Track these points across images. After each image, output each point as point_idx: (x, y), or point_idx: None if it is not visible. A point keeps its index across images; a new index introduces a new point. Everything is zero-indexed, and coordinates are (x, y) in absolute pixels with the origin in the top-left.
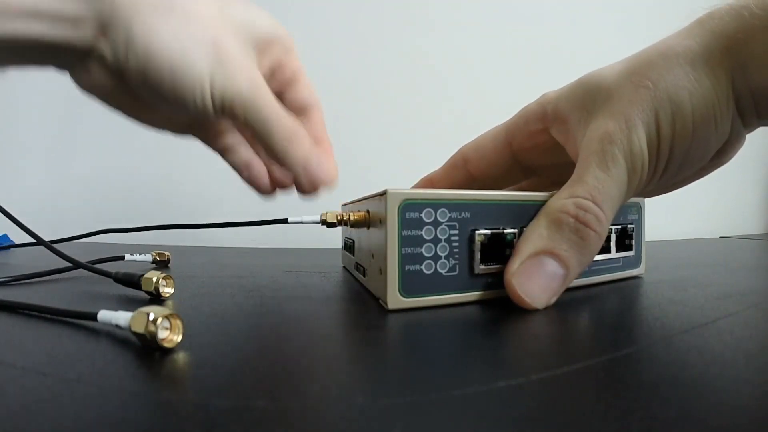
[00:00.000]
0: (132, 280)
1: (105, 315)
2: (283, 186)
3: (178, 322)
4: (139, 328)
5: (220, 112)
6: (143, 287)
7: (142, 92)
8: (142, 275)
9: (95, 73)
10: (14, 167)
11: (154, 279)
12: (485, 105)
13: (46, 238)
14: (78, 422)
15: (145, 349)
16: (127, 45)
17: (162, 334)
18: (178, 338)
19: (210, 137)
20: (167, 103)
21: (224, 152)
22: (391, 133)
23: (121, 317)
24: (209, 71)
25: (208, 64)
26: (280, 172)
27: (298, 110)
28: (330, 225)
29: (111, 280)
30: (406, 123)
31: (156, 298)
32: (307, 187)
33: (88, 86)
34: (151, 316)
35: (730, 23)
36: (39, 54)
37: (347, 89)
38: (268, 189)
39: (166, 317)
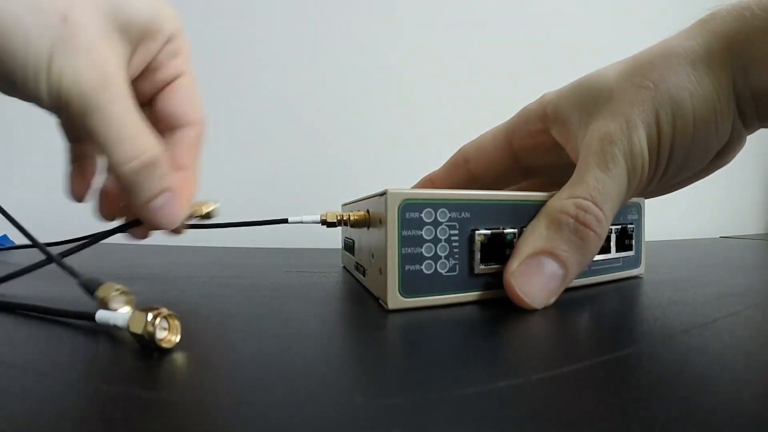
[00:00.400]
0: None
1: (103, 315)
2: (110, 210)
3: (177, 323)
4: (137, 329)
5: (55, 102)
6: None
7: None
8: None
9: None
10: (16, 169)
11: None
12: (486, 105)
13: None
14: (78, 422)
15: (144, 349)
16: None
17: (160, 334)
18: (176, 338)
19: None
20: None
21: (70, 137)
22: (391, 132)
23: (119, 317)
24: (49, 48)
25: (49, 39)
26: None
27: (169, 125)
28: (330, 225)
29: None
30: (407, 123)
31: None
32: (143, 224)
33: None
34: (149, 317)
35: (732, 24)
36: None
37: (347, 89)
38: (80, 196)
39: (165, 317)
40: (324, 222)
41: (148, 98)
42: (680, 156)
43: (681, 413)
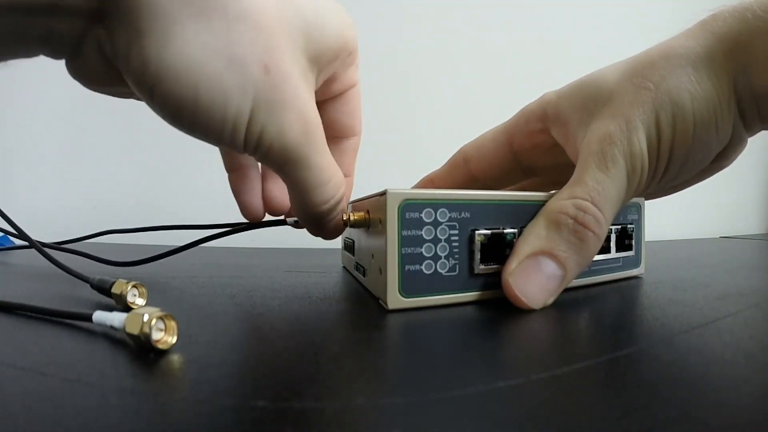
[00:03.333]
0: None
1: (100, 316)
2: (272, 212)
3: (173, 324)
4: (134, 330)
5: (252, 152)
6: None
7: (145, 101)
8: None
9: (89, 59)
10: (19, 171)
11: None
12: (486, 104)
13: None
14: (78, 422)
15: (141, 350)
16: (131, 45)
17: (156, 335)
18: (173, 340)
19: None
20: (182, 128)
21: (230, 168)
22: (392, 133)
23: (115, 318)
24: (251, 105)
25: (251, 95)
26: (279, 199)
27: (336, 133)
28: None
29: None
30: (407, 123)
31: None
32: (309, 231)
33: (78, 72)
34: (145, 318)
35: (733, 25)
36: (23, 25)
37: None
38: (258, 215)
39: (161, 318)
40: None
41: (319, 100)
42: (680, 157)
43: (681, 413)
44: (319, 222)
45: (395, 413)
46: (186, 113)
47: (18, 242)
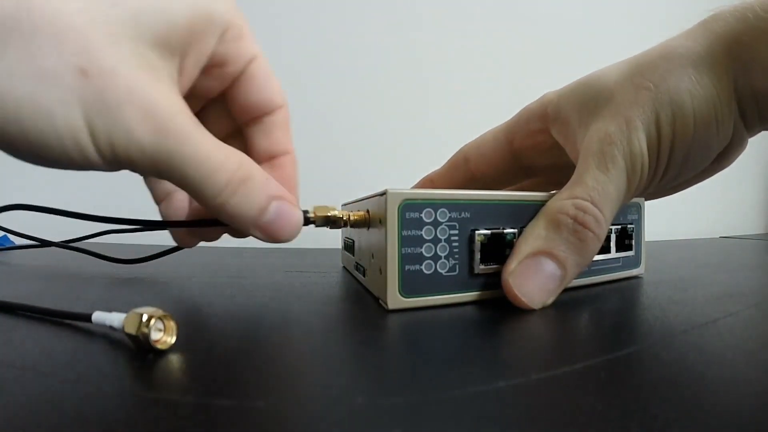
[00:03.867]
0: None
1: (99, 316)
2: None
3: (172, 324)
4: (132, 330)
5: (117, 166)
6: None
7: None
8: None
9: None
10: (19, 171)
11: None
12: (486, 104)
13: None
14: (78, 422)
15: (140, 350)
16: None
17: (155, 335)
18: (172, 340)
19: None
20: (31, 160)
21: (157, 198)
22: (392, 132)
23: (114, 318)
24: (82, 115)
25: (75, 104)
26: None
27: (253, 115)
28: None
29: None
30: (407, 122)
31: None
32: (262, 239)
33: None
34: (144, 318)
35: (734, 25)
36: None
37: (347, 89)
38: (187, 242)
39: (160, 318)
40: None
41: (219, 92)
42: (680, 157)
43: (681, 413)
44: (237, 219)
45: (395, 413)
46: (23, 147)
47: (19, 242)
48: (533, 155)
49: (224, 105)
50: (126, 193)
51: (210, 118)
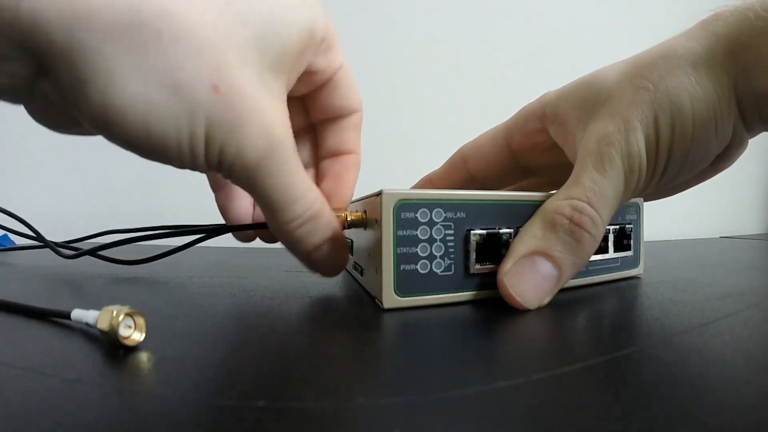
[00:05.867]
0: None
1: (78, 314)
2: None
3: (142, 321)
4: (104, 326)
5: (216, 171)
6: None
7: (108, 139)
8: None
9: (43, 107)
10: (19, 172)
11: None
12: (485, 104)
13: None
14: (78, 422)
15: (111, 346)
16: (76, 95)
17: (125, 332)
18: (141, 337)
19: None
20: (146, 157)
21: (215, 186)
22: (391, 132)
23: (90, 316)
24: (205, 127)
25: (202, 117)
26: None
27: (332, 116)
28: None
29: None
30: (407, 122)
31: None
32: (305, 265)
33: (38, 118)
34: (113, 314)
35: (735, 25)
36: None
37: None
38: (246, 234)
39: (129, 315)
40: None
41: (303, 94)
42: (679, 158)
43: (681, 413)
44: (294, 245)
45: (395, 413)
46: (143, 146)
47: (20, 242)
48: (532, 155)
49: (302, 102)
50: (126, 193)
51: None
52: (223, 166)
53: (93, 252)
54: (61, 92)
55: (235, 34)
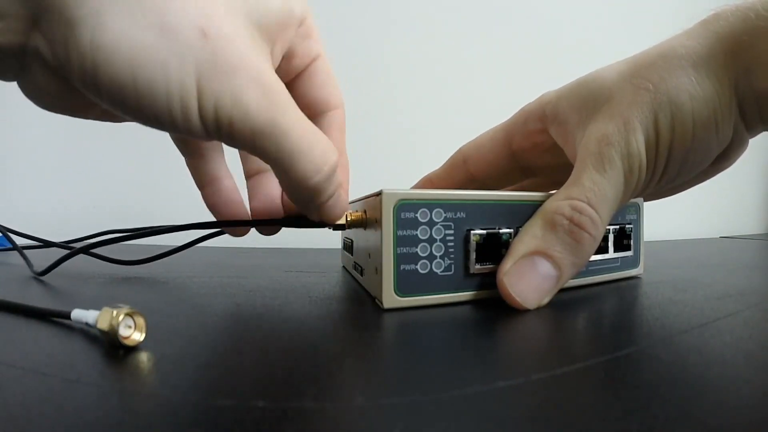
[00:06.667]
0: None
1: (78, 314)
2: (257, 214)
3: (142, 321)
4: (104, 326)
5: (213, 132)
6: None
7: (98, 101)
8: None
9: (36, 75)
10: (19, 172)
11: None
12: (485, 104)
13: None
14: (78, 422)
15: (111, 346)
16: (67, 40)
17: (124, 332)
18: (141, 337)
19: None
20: (133, 118)
21: (189, 154)
22: (391, 132)
23: (90, 315)
24: (195, 75)
25: (191, 63)
26: (264, 197)
27: (311, 112)
28: (337, 227)
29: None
30: (407, 122)
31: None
32: (313, 219)
33: (31, 92)
34: (114, 314)
35: (736, 25)
36: None
37: (347, 89)
38: (238, 232)
39: (129, 315)
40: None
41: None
42: (679, 159)
43: (681, 413)
44: (315, 197)
45: (395, 413)
46: (130, 96)
47: (20, 242)
48: (532, 155)
49: None
50: (125, 193)
51: None
52: (221, 124)
53: (57, 264)
54: (52, 43)
55: None
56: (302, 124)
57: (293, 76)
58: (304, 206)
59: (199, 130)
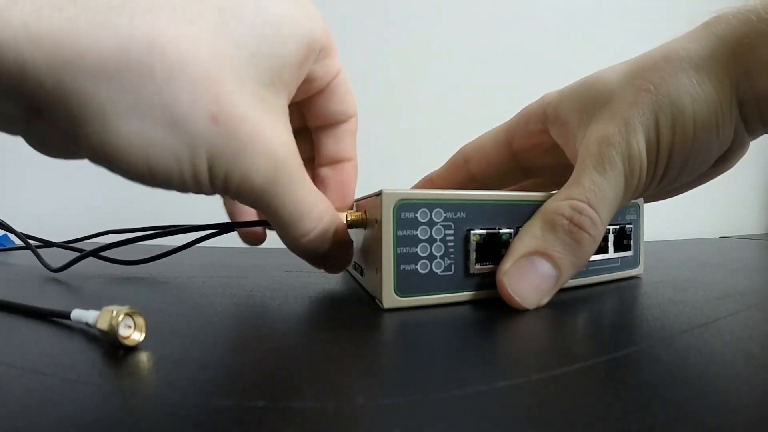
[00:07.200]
0: None
1: (78, 314)
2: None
3: (141, 321)
4: (103, 326)
5: (222, 193)
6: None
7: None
8: None
9: (43, 140)
10: (18, 172)
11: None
12: (486, 105)
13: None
14: (78, 422)
15: (111, 346)
16: (76, 134)
17: (124, 332)
18: (141, 337)
19: None
20: (141, 183)
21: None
22: (392, 132)
23: (90, 316)
24: (207, 157)
25: (203, 148)
26: None
27: (328, 123)
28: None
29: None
30: (407, 122)
31: None
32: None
33: (36, 147)
34: (113, 314)
35: (737, 27)
36: None
37: None
38: (258, 237)
39: (129, 315)
40: None
41: (301, 100)
42: (679, 160)
43: (681, 413)
44: (306, 254)
45: (395, 413)
46: (146, 178)
47: (18, 242)
48: (533, 156)
49: (299, 106)
50: (125, 193)
51: None
52: (229, 191)
53: (70, 264)
54: (58, 131)
55: (230, 57)
56: (302, 192)
57: (314, 93)
58: (307, 260)
59: (209, 192)
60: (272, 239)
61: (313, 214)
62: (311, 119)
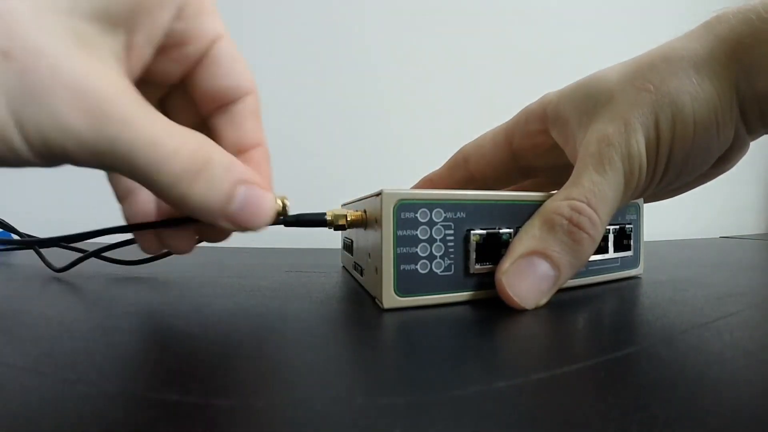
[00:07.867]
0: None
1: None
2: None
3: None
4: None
5: (53, 159)
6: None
7: None
8: None
9: None
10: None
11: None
12: (486, 104)
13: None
14: (78, 422)
15: (152, 346)
16: None
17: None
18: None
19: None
20: None
21: (121, 196)
22: (391, 132)
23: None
24: (7, 106)
25: (1, 94)
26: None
27: (220, 102)
28: (337, 228)
29: None
30: (407, 123)
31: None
32: (232, 230)
33: None
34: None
35: (738, 27)
36: None
37: (348, 88)
38: (152, 248)
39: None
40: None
41: (180, 77)
42: (679, 160)
43: (681, 413)
44: (202, 206)
45: (395, 413)
46: None
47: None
48: (533, 156)
49: (187, 94)
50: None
51: (172, 109)
52: (55, 152)
53: (73, 264)
54: None
55: None
56: (151, 129)
57: (192, 65)
58: (209, 221)
59: (35, 161)
60: (272, 239)
61: (184, 149)
62: (201, 104)
